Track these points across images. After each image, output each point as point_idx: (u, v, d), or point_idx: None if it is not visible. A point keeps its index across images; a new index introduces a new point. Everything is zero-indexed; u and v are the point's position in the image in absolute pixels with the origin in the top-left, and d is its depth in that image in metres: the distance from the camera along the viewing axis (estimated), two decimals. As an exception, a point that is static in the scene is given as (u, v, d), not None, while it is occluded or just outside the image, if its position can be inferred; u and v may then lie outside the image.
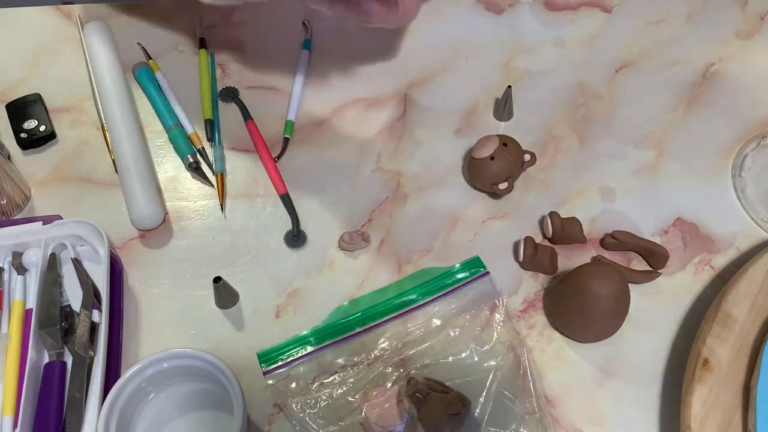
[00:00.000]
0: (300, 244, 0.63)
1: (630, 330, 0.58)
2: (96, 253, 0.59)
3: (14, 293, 0.57)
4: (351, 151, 0.68)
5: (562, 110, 0.71)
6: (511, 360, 0.56)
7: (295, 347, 0.56)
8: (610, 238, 0.62)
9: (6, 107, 0.69)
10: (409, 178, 0.67)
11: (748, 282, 0.56)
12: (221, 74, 0.73)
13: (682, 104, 0.72)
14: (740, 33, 0.77)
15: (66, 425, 0.51)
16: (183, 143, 0.67)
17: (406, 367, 0.56)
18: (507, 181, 0.63)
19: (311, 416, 0.53)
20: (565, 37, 0.76)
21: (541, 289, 0.61)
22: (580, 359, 0.57)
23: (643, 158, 0.68)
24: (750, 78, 0.73)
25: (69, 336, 0.55)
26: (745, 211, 0.65)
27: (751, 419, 0.51)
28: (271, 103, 0.71)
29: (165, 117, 0.69)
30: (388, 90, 0.72)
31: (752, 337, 0.55)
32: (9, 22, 0.76)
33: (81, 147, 0.68)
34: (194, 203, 0.65)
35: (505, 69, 0.74)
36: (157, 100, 0.70)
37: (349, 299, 0.60)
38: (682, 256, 0.62)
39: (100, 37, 0.70)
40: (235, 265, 0.62)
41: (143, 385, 0.51)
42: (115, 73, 0.69)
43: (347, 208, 0.65)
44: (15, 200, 0.62)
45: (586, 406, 0.55)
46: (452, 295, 0.59)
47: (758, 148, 0.68)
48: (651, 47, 0.76)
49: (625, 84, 0.73)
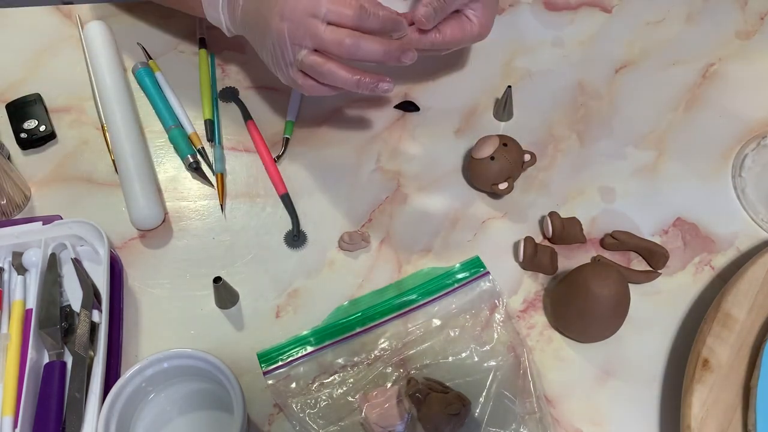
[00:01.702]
0: (300, 244, 0.63)
1: (630, 330, 0.58)
2: (96, 253, 0.59)
3: (14, 293, 0.57)
4: (351, 151, 0.68)
5: (562, 110, 0.71)
6: (511, 360, 0.56)
7: (295, 347, 0.56)
8: (610, 238, 0.62)
9: (6, 107, 0.69)
10: (409, 178, 0.67)
11: (748, 282, 0.56)
12: (221, 74, 0.73)
13: (682, 104, 0.72)
14: (740, 33, 0.77)
15: (66, 425, 0.51)
16: (183, 143, 0.67)
17: (406, 367, 0.56)
18: (507, 181, 0.63)
19: (311, 416, 0.53)
20: (565, 37, 0.76)
21: (541, 289, 0.61)
22: (580, 359, 0.57)
23: (643, 158, 0.68)
24: (750, 78, 0.73)
25: (69, 336, 0.55)
26: (745, 211, 0.65)
27: (751, 419, 0.51)
28: (271, 103, 0.71)
29: (165, 117, 0.69)
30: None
31: (752, 337, 0.55)
32: (9, 22, 0.76)
33: (81, 147, 0.68)
34: (194, 203, 0.65)
35: (505, 69, 0.74)
36: (157, 100, 0.70)
37: (349, 299, 0.60)
38: (682, 256, 0.62)
39: (100, 37, 0.71)
40: (235, 265, 0.62)
41: (143, 385, 0.51)
42: (115, 73, 0.69)
43: (347, 208, 0.65)
44: (15, 200, 0.62)
45: (586, 406, 0.55)
46: (452, 295, 0.59)
47: (758, 148, 0.68)
48: (651, 47, 0.76)
49: (625, 84, 0.73)
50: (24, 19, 0.76)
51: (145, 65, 0.72)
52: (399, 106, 0.71)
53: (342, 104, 0.71)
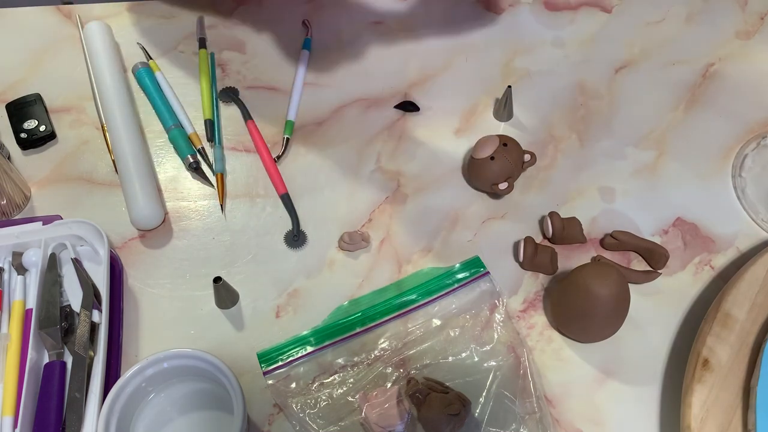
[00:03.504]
0: (300, 244, 0.63)
1: (630, 330, 0.58)
2: (96, 253, 0.59)
3: (14, 293, 0.57)
4: (351, 151, 0.68)
5: (562, 110, 0.71)
6: (512, 360, 0.56)
7: (295, 347, 0.57)
8: (610, 238, 0.62)
9: (6, 107, 0.69)
10: (409, 178, 0.67)
11: (748, 282, 0.56)
12: (221, 74, 0.73)
13: (682, 104, 0.72)
14: (740, 33, 0.77)
15: (66, 425, 0.51)
16: (183, 143, 0.67)
17: (406, 367, 0.56)
18: (507, 181, 0.63)
19: (311, 416, 0.53)
20: (565, 37, 0.76)
21: (541, 289, 0.61)
22: (580, 359, 0.57)
23: (643, 158, 0.68)
24: (750, 78, 0.73)
25: (69, 336, 0.55)
26: (745, 211, 0.65)
27: (751, 419, 0.51)
28: (271, 103, 0.71)
29: (165, 117, 0.69)
30: (388, 90, 0.72)
31: (752, 337, 0.55)
32: (9, 22, 0.76)
33: (81, 147, 0.68)
34: (194, 203, 0.65)
35: (505, 69, 0.74)
36: (157, 100, 0.70)
37: (349, 299, 0.60)
38: (682, 256, 0.62)
39: (100, 37, 0.71)
40: (235, 265, 0.62)
41: (143, 385, 0.51)
42: (115, 73, 0.69)
43: (347, 208, 0.65)
44: (15, 200, 0.62)
45: (586, 406, 0.55)
46: (452, 295, 0.59)
47: (758, 148, 0.68)
48: (651, 47, 0.76)
49: (625, 84, 0.73)
50: (24, 19, 0.76)
51: (145, 65, 0.72)
52: (399, 106, 0.71)
53: (342, 104, 0.71)
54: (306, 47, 0.74)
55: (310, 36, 0.75)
